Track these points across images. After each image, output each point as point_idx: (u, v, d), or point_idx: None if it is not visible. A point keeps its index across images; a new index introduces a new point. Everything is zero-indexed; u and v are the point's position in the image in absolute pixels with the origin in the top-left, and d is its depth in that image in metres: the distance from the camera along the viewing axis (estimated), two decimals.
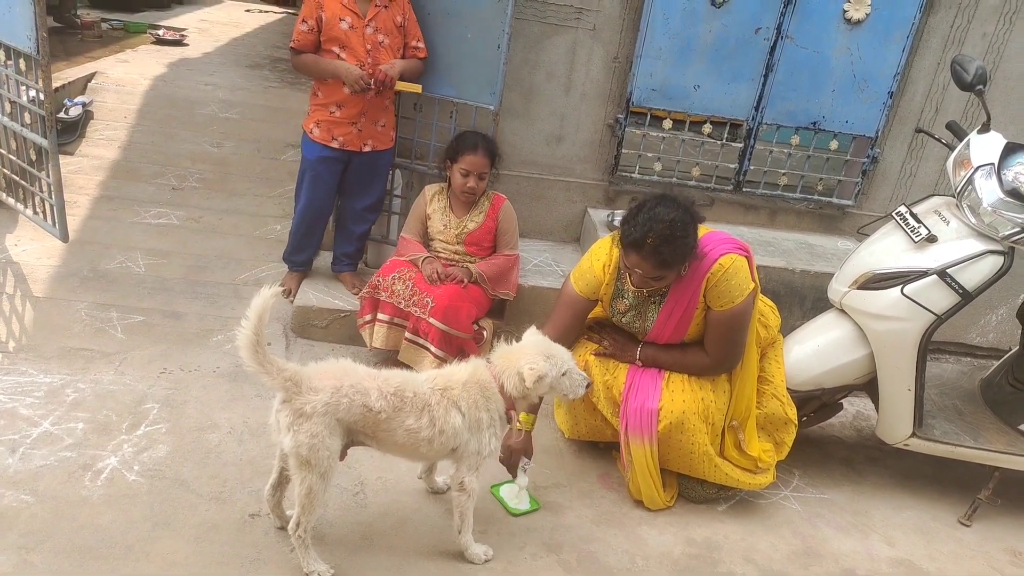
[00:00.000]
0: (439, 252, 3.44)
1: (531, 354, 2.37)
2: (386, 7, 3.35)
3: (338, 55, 3.32)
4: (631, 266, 2.59)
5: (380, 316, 3.29)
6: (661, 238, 2.47)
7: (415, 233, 3.46)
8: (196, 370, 3.23)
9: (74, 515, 2.40)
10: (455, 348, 3.19)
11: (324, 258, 3.91)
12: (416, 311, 3.20)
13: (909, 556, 2.86)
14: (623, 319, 2.83)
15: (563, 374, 2.41)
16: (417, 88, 3.48)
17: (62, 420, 2.81)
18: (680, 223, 2.49)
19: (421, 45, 3.49)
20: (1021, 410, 3.14)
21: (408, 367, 3.10)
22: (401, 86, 3.41)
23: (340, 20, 3.30)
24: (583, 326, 2.94)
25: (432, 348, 3.17)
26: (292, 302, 3.64)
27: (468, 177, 3.29)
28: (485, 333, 3.36)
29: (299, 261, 3.78)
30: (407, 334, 3.24)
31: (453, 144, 3.35)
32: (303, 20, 3.32)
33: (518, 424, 2.61)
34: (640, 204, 2.58)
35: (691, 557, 2.67)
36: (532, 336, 2.47)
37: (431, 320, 3.16)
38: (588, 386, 2.51)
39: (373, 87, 3.31)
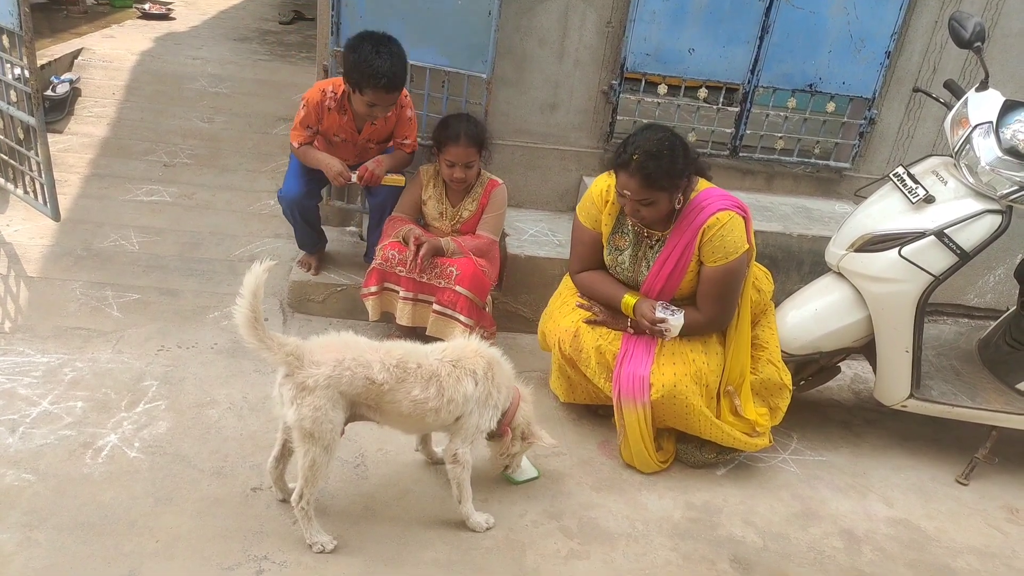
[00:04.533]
0: None
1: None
2: (384, 121, 3.31)
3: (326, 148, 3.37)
4: (621, 188, 2.62)
5: (404, 294, 3.20)
6: (647, 154, 2.52)
7: (408, 213, 3.37)
8: (194, 347, 3.23)
9: (76, 492, 2.41)
10: (478, 316, 3.19)
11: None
12: (441, 282, 3.15)
13: (907, 516, 2.89)
14: (620, 257, 2.83)
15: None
16: (400, 181, 3.32)
17: (61, 399, 2.81)
18: (667, 142, 2.55)
19: (408, 140, 3.40)
20: (1018, 369, 3.15)
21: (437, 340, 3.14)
22: (386, 180, 3.28)
23: (334, 135, 3.33)
24: (602, 256, 2.94)
25: (461, 317, 3.13)
26: (314, 274, 3.62)
27: (454, 168, 3.19)
28: (487, 308, 3.36)
29: (308, 247, 3.67)
30: (435, 306, 3.18)
31: (436, 133, 3.24)
32: (306, 125, 3.28)
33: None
34: (631, 132, 2.67)
35: (691, 521, 2.69)
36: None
37: (458, 288, 3.12)
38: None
39: (356, 182, 3.24)
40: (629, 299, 2.79)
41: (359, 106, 3.14)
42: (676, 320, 2.68)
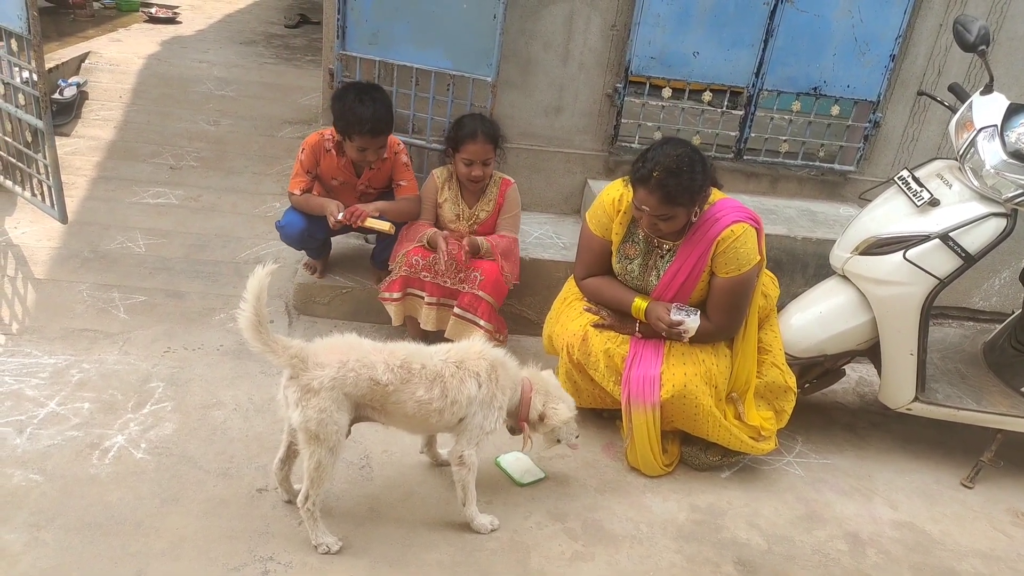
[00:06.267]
0: None
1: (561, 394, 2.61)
2: (381, 164, 3.35)
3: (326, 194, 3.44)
4: (639, 203, 2.61)
5: (428, 299, 3.22)
6: (667, 171, 2.51)
7: (425, 218, 3.39)
8: (200, 348, 3.24)
9: (83, 493, 2.42)
10: (496, 321, 3.23)
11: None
12: (466, 287, 3.17)
13: (912, 519, 2.88)
14: (629, 266, 2.83)
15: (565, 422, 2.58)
16: (387, 228, 3.22)
17: (68, 400, 2.82)
18: (687, 158, 2.54)
19: (403, 183, 3.41)
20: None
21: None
22: (371, 223, 3.22)
23: (332, 178, 3.41)
24: (609, 264, 2.94)
25: (481, 322, 3.17)
26: (318, 278, 3.63)
27: (472, 166, 3.22)
28: None
29: (312, 253, 3.67)
30: (456, 309, 3.20)
31: (452, 132, 3.27)
32: (306, 170, 3.36)
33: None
34: (650, 145, 2.65)
35: (695, 523, 2.69)
36: (552, 378, 2.64)
37: (480, 293, 3.15)
38: (576, 437, 2.68)
39: (345, 220, 3.22)
40: (640, 303, 2.79)
41: (352, 153, 3.27)
42: (693, 321, 2.69)
